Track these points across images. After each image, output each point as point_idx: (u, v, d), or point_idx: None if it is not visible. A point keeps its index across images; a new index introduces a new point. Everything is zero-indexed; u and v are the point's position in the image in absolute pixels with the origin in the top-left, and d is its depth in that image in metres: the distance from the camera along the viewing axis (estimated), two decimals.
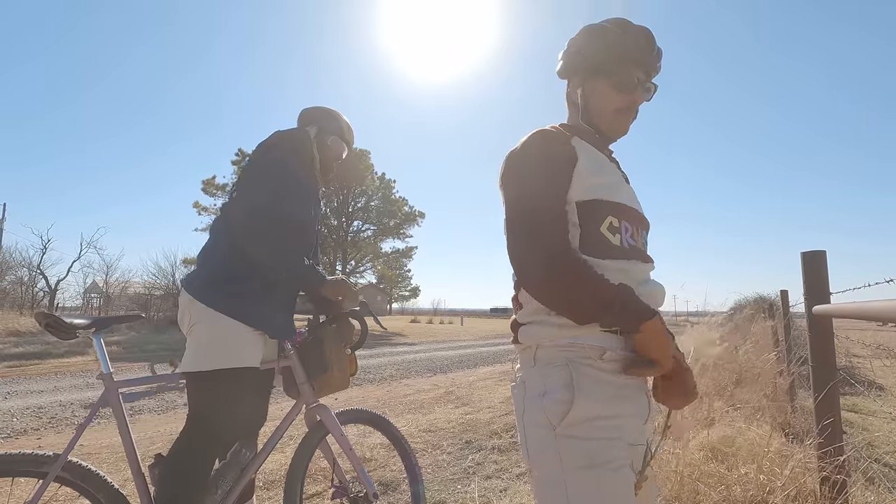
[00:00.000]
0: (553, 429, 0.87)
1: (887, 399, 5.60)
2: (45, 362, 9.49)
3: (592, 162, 0.98)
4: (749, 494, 1.99)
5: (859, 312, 1.24)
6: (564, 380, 0.88)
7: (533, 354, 0.95)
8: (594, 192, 0.96)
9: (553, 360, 0.91)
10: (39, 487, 1.35)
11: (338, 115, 1.93)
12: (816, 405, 1.97)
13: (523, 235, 0.91)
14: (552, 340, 0.92)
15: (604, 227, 0.95)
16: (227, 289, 1.54)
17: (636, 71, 1.04)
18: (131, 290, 20.87)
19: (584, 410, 0.86)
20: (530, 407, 0.92)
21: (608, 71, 1.04)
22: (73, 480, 1.39)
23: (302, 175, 1.70)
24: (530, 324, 0.96)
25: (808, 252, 2.03)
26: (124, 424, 1.51)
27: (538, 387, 0.91)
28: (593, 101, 1.07)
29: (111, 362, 1.61)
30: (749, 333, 5.90)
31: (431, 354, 12.04)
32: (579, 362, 0.90)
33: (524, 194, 0.94)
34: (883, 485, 2.43)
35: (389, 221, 25.24)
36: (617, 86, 1.04)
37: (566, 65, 1.10)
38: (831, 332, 1.98)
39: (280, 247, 1.54)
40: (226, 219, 1.64)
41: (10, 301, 19.31)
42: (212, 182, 20.79)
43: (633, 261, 0.97)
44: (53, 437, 4.22)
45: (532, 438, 0.91)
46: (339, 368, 1.71)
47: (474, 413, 4.63)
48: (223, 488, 1.52)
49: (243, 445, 1.59)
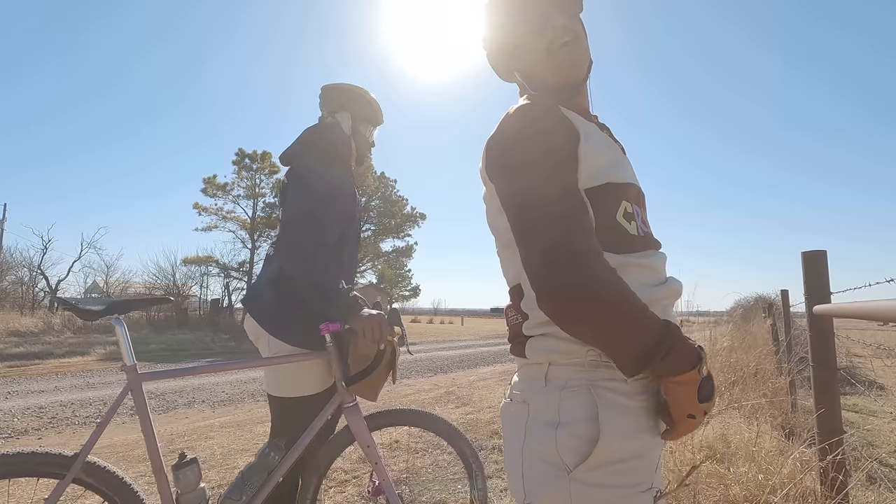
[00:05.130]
0: (567, 471, 0.71)
1: (888, 399, 5.60)
2: (45, 362, 9.49)
3: (592, 136, 0.81)
4: (748, 493, 1.99)
5: (860, 312, 1.24)
6: (588, 411, 0.72)
7: (544, 373, 0.78)
8: (603, 174, 0.79)
9: (571, 381, 0.75)
10: (57, 488, 1.32)
11: (368, 95, 1.78)
12: (816, 405, 1.96)
13: (544, 247, 0.70)
14: (571, 357, 0.75)
15: (619, 215, 0.79)
16: (298, 319, 1.57)
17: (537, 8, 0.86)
18: (131, 290, 20.87)
19: (611, 452, 0.70)
20: (536, 436, 0.75)
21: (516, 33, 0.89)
22: (91, 482, 1.36)
23: (337, 181, 1.64)
24: (543, 336, 0.78)
25: (809, 252, 2.03)
26: (147, 420, 1.43)
27: (549, 414, 0.75)
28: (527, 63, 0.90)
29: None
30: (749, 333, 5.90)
31: (432, 354, 12.04)
32: (602, 386, 0.74)
33: (531, 189, 0.74)
34: (883, 485, 2.43)
35: (390, 221, 25.24)
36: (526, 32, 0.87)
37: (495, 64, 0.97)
38: (832, 331, 1.98)
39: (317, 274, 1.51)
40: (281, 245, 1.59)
41: (10, 301, 19.31)
42: (212, 181, 20.75)
43: (651, 251, 0.82)
44: (54, 437, 4.22)
45: (534, 475, 0.74)
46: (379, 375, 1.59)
47: (475, 413, 4.64)
48: (248, 493, 1.47)
49: (271, 448, 1.54)
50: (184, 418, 4.90)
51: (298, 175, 1.62)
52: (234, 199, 21.07)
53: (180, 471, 1.42)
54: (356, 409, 1.62)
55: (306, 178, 1.60)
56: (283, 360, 1.56)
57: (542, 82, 0.89)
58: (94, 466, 1.36)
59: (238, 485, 1.48)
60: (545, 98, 0.84)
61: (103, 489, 1.37)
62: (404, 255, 28.20)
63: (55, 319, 14.80)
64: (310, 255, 1.51)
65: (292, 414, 1.59)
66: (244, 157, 20.98)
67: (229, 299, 20.35)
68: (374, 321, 1.50)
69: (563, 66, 0.86)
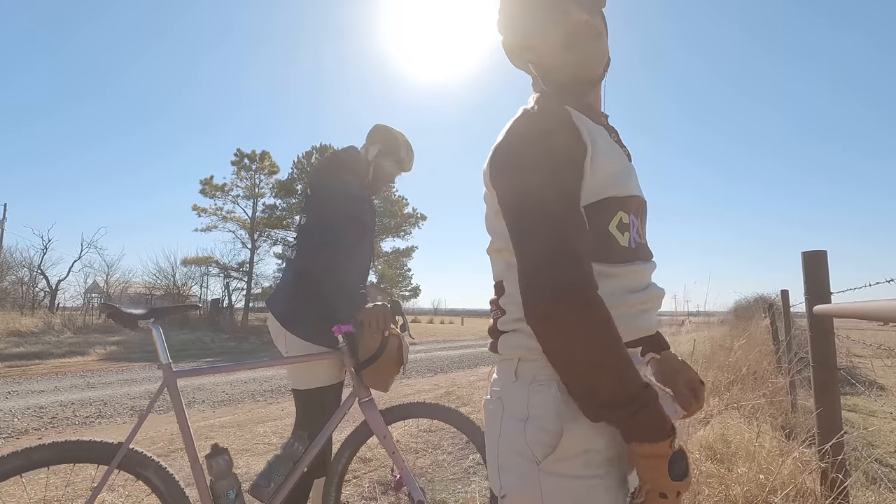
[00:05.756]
0: (536, 462, 0.73)
1: (888, 399, 5.61)
2: (45, 362, 9.49)
3: (600, 145, 0.79)
4: (748, 494, 1.99)
5: (860, 312, 1.24)
6: (552, 404, 0.73)
7: (514, 368, 0.80)
8: (605, 189, 0.78)
9: (538, 376, 0.77)
10: (105, 473, 1.44)
11: (405, 141, 1.99)
12: (816, 404, 1.97)
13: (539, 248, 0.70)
14: (539, 353, 0.74)
15: (612, 225, 0.79)
16: (310, 316, 1.75)
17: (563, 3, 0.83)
18: (132, 290, 20.89)
19: (575, 444, 0.72)
20: (508, 430, 0.78)
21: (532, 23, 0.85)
22: (134, 468, 1.49)
23: (346, 189, 1.82)
24: (513, 332, 0.81)
25: (809, 252, 2.03)
26: (182, 413, 1.56)
27: (519, 409, 0.77)
28: (540, 49, 0.86)
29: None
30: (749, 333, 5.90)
31: (432, 354, 12.06)
32: None
33: (529, 190, 0.73)
34: (883, 484, 2.43)
35: (389, 221, 25.25)
36: (542, 22, 0.84)
37: (509, 51, 0.93)
38: (832, 331, 1.98)
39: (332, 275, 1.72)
40: (299, 249, 1.85)
41: (10, 301, 19.32)
42: (210, 182, 20.75)
43: (638, 262, 0.83)
44: (54, 436, 4.22)
45: (508, 467, 0.77)
46: (387, 365, 1.72)
47: (475, 413, 4.63)
48: (276, 481, 1.60)
49: (296, 440, 1.67)
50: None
51: (313, 187, 1.92)
52: (233, 199, 21.10)
53: (213, 459, 1.55)
54: (371, 403, 1.74)
55: (320, 190, 1.86)
56: (303, 360, 1.72)
57: (556, 78, 0.86)
58: (136, 454, 1.49)
59: (266, 473, 1.61)
60: (554, 102, 0.82)
61: (145, 474, 1.50)
62: (404, 256, 28.21)
63: (55, 319, 14.81)
64: (324, 257, 1.72)
65: (309, 404, 1.77)
66: (243, 158, 20.98)
67: (229, 299, 20.40)
68: (378, 311, 1.67)
69: (580, 63, 0.83)
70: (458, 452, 3.36)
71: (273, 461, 1.64)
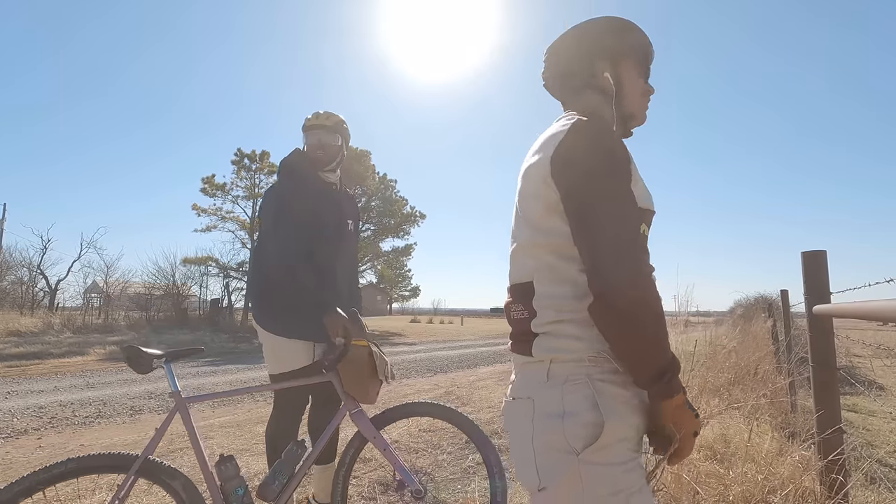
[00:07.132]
0: (576, 454, 0.80)
1: (887, 399, 5.61)
2: (45, 362, 9.49)
3: (634, 169, 0.92)
4: (748, 494, 1.99)
5: (859, 312, 1.24)
6: (589, 400, 0.81)
7: (546, 370, 0.86)
8: (639, 202, 0.89)
9: (572, 376, 0.83)
10: (126, 481, 1.60)
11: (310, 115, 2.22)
12: (816, 404, 1.96)
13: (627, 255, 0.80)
14: (572, 354, 0.84)
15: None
16: (273, 309, 2.02)
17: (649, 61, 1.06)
18: (131, 290, 20.84)
19: (613, 434, 0.80)
20: (543, 428, 0.83)
21: (635, 56, 1.03)
22: (153, 475, 1.65)
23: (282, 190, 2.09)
24: (545, 335, 0.86)
25: (809, 252, 2.03)
26: (194, 435, 1.76)
27: (554, 406, 0.83)
28: (626, 84, 1.02)
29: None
30: (749, 333, 5.90)
31: (431, 354, 12.05)
32: (599, 378, 0.83)
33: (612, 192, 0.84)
34: (882, 485, 2.43)
35: (390, 221, 25.21)
36: (639, 67, 1.04)
37: (587, 49, 1.03)
38: (831, 331, 1.98)
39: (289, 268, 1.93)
40: (259, 247, 2.10)
41: (10, 301, 19.28)
42: (211, 181, 20.71)
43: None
44: (54, 436, 4.22)
45: (546, 463, 0.83)
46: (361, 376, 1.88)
47: (475, 413, 4.64)
48: (279, 481, 1.76)
49: (297, 445, 1.81)
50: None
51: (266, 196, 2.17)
52: (233, 199, 21.06)
53: (221, 466, 1.74)
54: (361, 413, 1.88)
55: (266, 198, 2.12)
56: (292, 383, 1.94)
57: (624, 107, 1.02)
58: (153, 463, 1.65)
59: (271, 475, 1.78)
60: (611, 123, 0.96)
61: (163, 479, 1.65)
62: (404, 255, 28.18)
63: (54, 319, 14.80)
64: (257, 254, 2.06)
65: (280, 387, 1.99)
66: (243, 158, 20.95)
67: (229, 299, 20.34)
68: (334, 320, 1.85)
69: (642, 111, 1.05)
70: (458, 452, 3.36)
71: (277, 465, 1.79)
